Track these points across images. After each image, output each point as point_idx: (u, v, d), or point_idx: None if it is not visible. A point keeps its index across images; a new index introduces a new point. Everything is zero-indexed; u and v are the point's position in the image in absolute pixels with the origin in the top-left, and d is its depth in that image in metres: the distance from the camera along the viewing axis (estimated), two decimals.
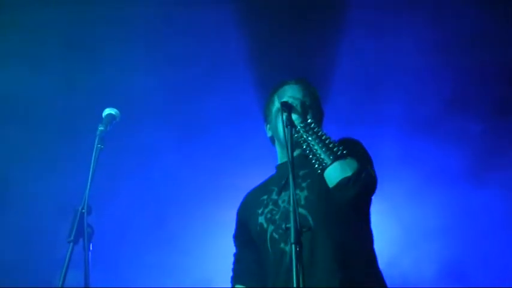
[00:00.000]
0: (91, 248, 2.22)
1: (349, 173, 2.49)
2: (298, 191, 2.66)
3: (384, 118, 5.17)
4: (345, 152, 2.53)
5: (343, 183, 2.49)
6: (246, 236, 2.88)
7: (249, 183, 3.06)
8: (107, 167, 2.70)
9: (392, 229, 5.02)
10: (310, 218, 2.60)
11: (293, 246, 2.12)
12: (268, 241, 2.71)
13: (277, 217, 2.70)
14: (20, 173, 4.77)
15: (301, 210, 2.60)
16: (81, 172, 2.43)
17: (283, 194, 2.74)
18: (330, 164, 2.52)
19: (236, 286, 2.89)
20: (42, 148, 4.77)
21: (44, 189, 4.75)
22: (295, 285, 2.04)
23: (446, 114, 5.18)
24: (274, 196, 2.79)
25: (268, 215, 2.74)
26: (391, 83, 5.14)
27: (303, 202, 2.64)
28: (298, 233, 2.15)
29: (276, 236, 2.67)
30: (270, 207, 2.77)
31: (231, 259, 2.99)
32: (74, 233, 2.22)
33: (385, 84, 5.15)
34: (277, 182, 2.83)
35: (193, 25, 4.93)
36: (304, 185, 2.69)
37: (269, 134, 2.99)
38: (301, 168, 2.70)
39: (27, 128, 4.75)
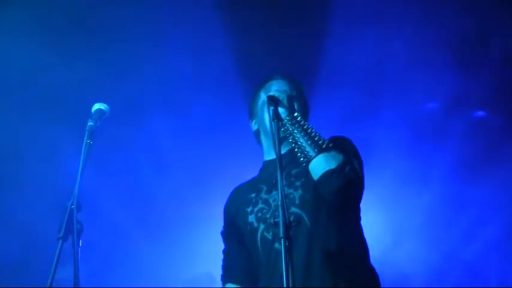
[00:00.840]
0: (80, 245, 2.21)
1: (333, 166, 2.46)
2: (292, 190, 2.64)
3: (378, 114, 5.18)
4: (330, 145, 2.52)
5: (326, 176, 2.46)
6: (235, 233, 2.85)
7: (242, 176, 3.03)
8: (99, 162, 2.69)
9: (384, 223, 5.05)
10: (306, 218, 2.58)
11: (282, 240, 2.12)
12: (259, 241, 2.69)
13: (267, 216, 2.68)
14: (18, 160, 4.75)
15: (296, 209, 2.59)
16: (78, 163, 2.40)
17: (274, 192, 2.70)
18: (315, 156, 2.50)
19: (227, 285, 2.87)
20: (41, 136, 4.74)
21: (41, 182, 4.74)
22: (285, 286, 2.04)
23: (442, 112, 5.21)
24: (263, 195, 2.76)
25: (259, 214, 2.72)
26: (387, 77, 5.13)
27: (297, 202, 2.62)
28: (287, 227, 2.15)
29: (268, 236, 2.64)
30: (260, 205, 2.74)
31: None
32: (63, 229, 2.21)
33: (379, 79, 5.14)
34: (266, 179, 2.79)
35: (184, 20, 4.91)
36: (298, 183, 2.66)
37: (254, 127, 2.95)
38: (293, 166, 2.68)
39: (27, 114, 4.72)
